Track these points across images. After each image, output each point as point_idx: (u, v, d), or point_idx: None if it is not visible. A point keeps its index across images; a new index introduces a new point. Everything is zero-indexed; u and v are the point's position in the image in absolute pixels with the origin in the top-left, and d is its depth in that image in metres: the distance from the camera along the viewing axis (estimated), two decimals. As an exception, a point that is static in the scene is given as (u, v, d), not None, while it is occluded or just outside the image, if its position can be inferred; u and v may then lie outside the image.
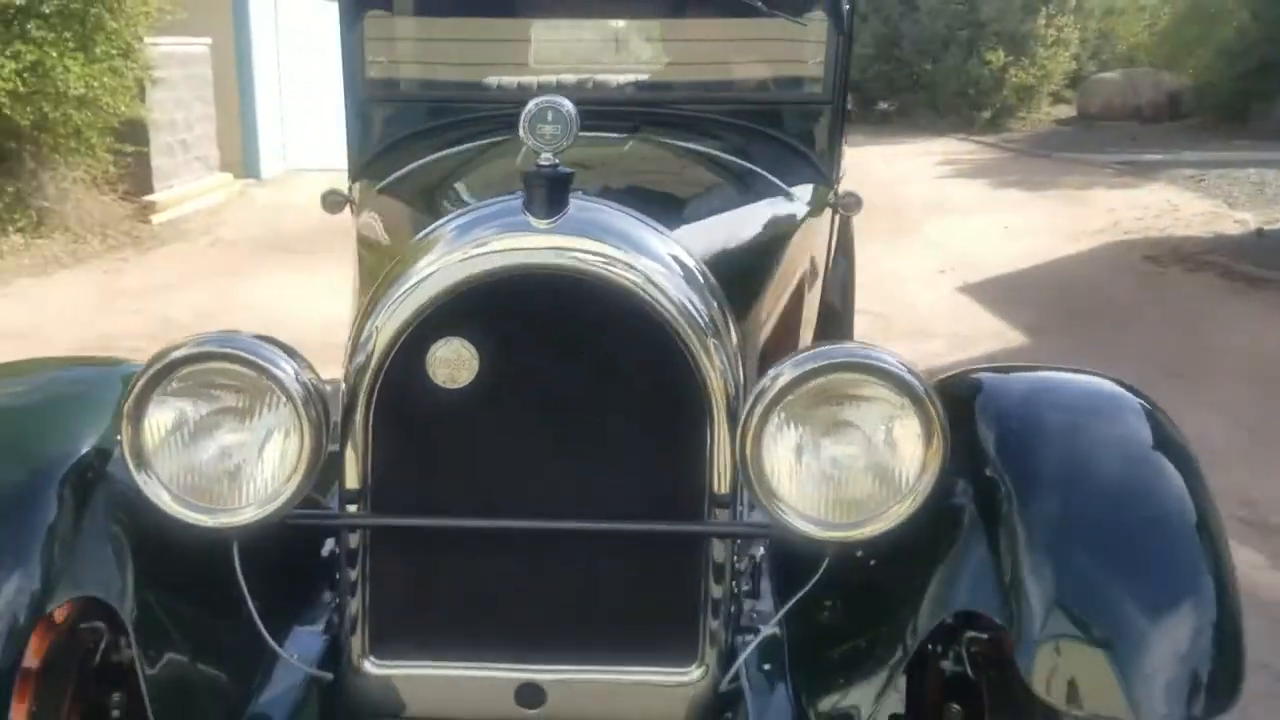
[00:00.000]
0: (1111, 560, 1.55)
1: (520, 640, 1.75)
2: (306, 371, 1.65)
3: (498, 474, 1.73)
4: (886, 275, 7.94)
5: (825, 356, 1.59)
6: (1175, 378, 5.54)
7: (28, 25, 8.23)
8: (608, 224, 1.72)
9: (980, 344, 6.24)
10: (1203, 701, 1.47)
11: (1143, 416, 1.80)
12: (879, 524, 1.59)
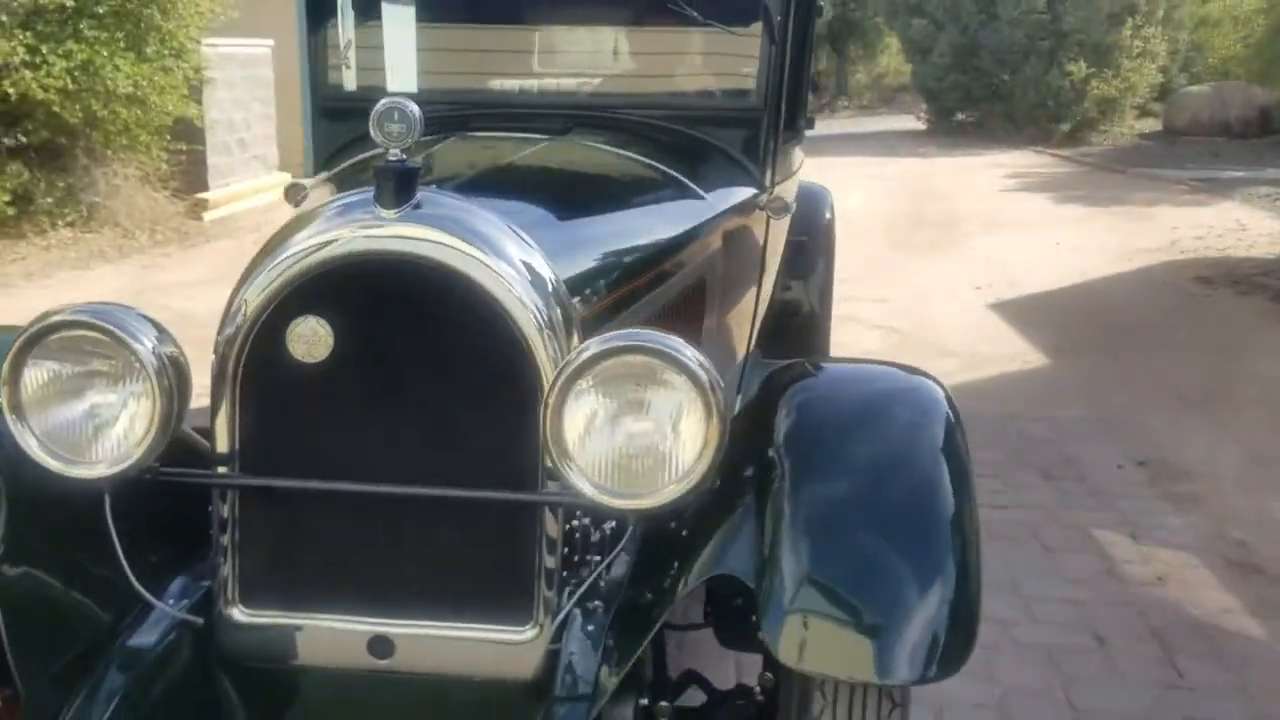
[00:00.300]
0: (864, 540, 1.71)
1: (372, 596, 1.88)
2: (168, 346, 1.80)
3: (350, 442, 1.88)
4: (919, 290, 7.76)
5: (629, 338, 1.72)
6: (1194, 406, 5.30)
7: (80, 25, 8.47)
8: (452, 216, 1.84)
9: (996, 365, 6.03)
10: (937, 665, 1.62)
11: (932, 416, 1.92)
12: (655, 499, 1.73)
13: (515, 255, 1.84)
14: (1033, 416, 5.14)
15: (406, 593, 1.88)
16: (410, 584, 1.89)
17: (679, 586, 1.77)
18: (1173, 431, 4.96)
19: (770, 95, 3.21)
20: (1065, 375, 5.84)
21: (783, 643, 1.64)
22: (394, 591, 1.88)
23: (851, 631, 1.65)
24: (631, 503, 1.74)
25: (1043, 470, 4.49)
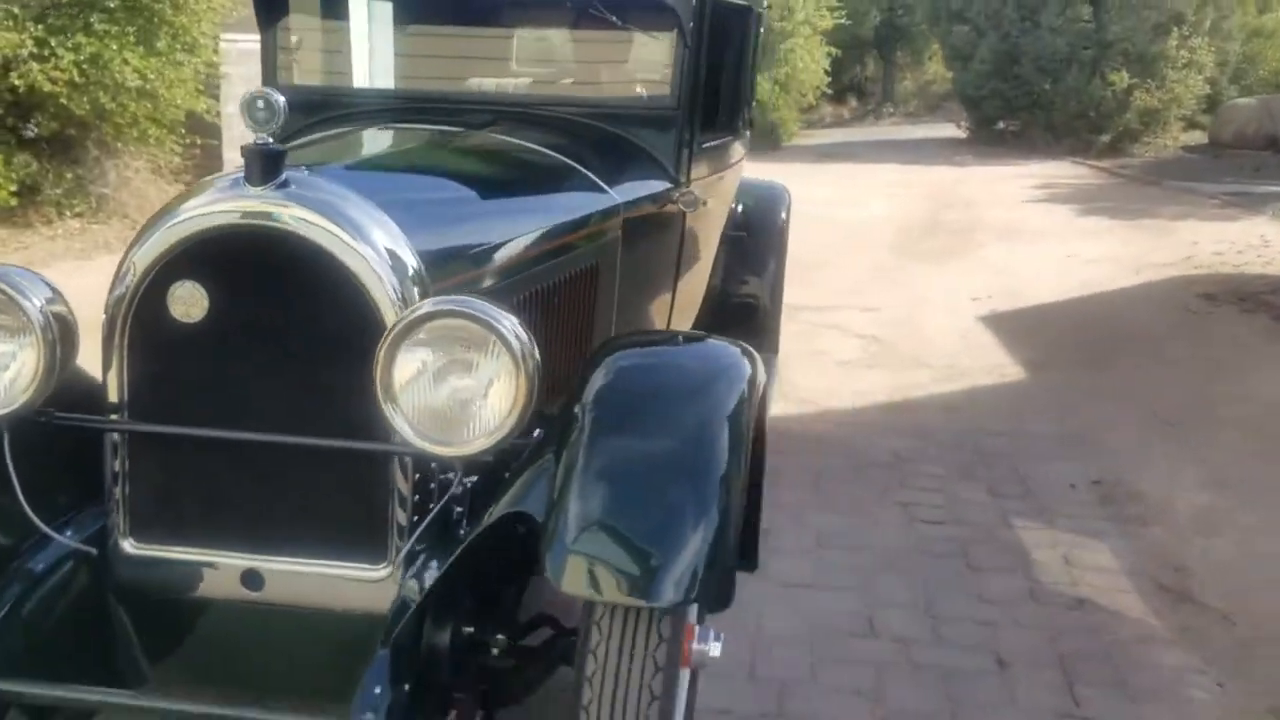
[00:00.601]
0: (637, 485, 1.90)
1: (245, 533, 2.12)
2: (57, 305, 2.06)
3: (222, 394, 2.10)
4: (915, 300, 7.64)
5: (457, 303, 1.94)
6: (1169, 426, 5.15)
7: (91, 19, 8.58)
8: (314, 193, 2.05)
9: (972, 377, 5.90)
10: (697, 594, 1.81)
11: (724, 384, 2.09)
12: (466, 449, 1.95)
13: (371, 229, 2.05)
14: (995, 431, 5.01)
15: (275, 531, 2.11)
16: (278, 523, 2.12)
17: (485, 518, 1.96)
18: (1138, 451, 4.81)
19: (685, 96, 3.47)
20: (1041, 390, 5.70)
21: (555, 569, 1.82)
22: (263, 530, 2.12)
23: (616, 561, 1.81)
24: (446, 450, 1.95)
25: (990, 486, 4.37)
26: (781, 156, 20.45)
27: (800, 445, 4.75)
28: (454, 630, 2.03)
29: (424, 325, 1.91)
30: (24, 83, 8.05)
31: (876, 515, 4.07)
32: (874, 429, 5.01)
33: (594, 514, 1.85)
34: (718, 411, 2.03)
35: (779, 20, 26.82)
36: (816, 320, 7.06)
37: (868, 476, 4.44)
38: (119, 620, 2.17)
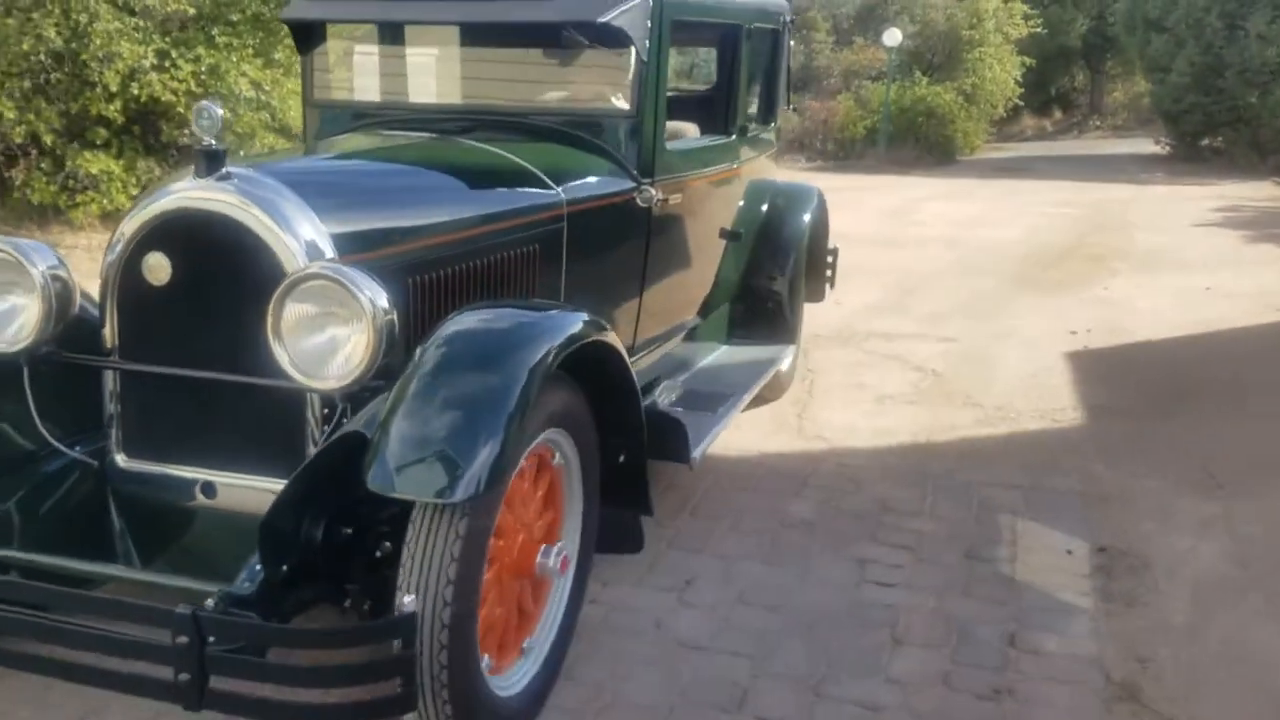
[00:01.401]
0: (442, 411, 2.34)
1: (203, 454, 2.79)
2: (60, 270, 2.74)
3: (184, 342, 2.75)
4: (1002, 332, 7.11)
5: (330, 269, 2.50)
6: (1219, 488, 4.55)
7: (214, 31, 9.02)
8: (245, 184, 2.63)
9: (1018, 422, 5.39)
10: (469, 490, 2.26)
11: (528, 348, 2.51)
12: (325, 384, 2.53)
13: (287, 211, 2.63)
14: (1012, 483, 4.55)
15: (222, 452, 2.76)
16: (224, 446, 2.76)
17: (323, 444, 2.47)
18: (1167, 515, 4.26)
19: (643, 105, 3.87)
20: (1090, 438, 5.14)
21: (370, 473, 2.28)
22: (214, 451, 2.77)
23: (418, 466, 2.28)
24: (315, 384, 2.53)
25: (970, 549, 3.94)
26: (948, 171, 19.64)
27: (780, 486, 4.44)
28: (328, 528, 2.46)
29: (302, 284, 2.48)
30: (144, 93, 8.51)
31: (823, 572, 3.73)
32: (873, 473, 4.63)
33: (403, 430, 2.31)
34: (517, 360, 2.45)
35: (967, 28, 25.87)
36: (881, 349, 6.65)
37: (835, 527, 4.09)
38: (112, 517, 2.82)
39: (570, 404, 2.76)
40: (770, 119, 5.45)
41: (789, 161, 20.66)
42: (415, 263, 2.94)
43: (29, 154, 8.49)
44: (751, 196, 5.15)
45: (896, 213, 13.52)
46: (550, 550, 2.73)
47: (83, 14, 8.21)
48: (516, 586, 2.73)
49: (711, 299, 4.97)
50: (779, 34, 5.27)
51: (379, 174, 3.34)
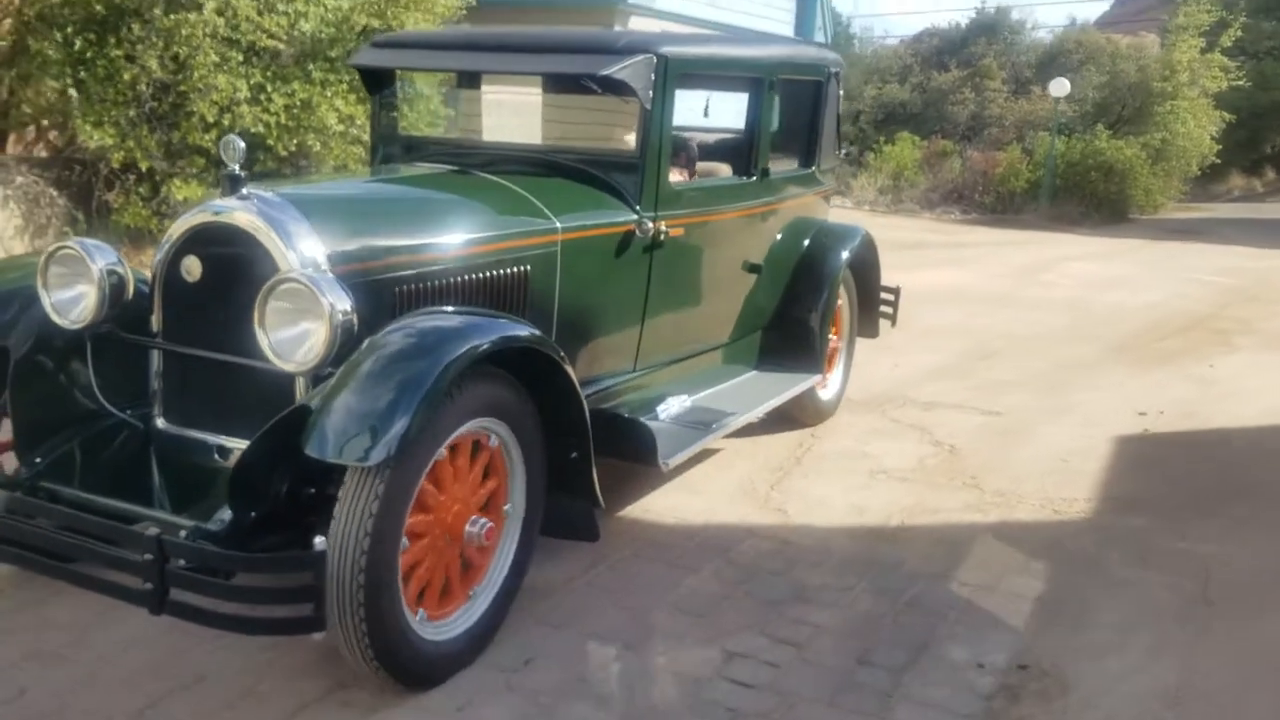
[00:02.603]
0: (368, 389, 2.82)
1: (220, 421, 3.36)
2: (117, 265, 3.36)
3: (211, 327, 3.31)
4: (1060, 408, 6.53)
5: (300, 276, 3.02)
6: (1206, 605, 3.98)
7: (309, 67, 9.30)
8: (259, 204, 3.20)
9: (1015, 509, 4.84)
10: (380, 455, 2.73)
11: (467, 339, 3.02)
12: (292, 367, 3.08)
13: (289, 227, 3.18)
14: (962, 581, 4.07)
15: (233, 420, 3.30)
16: (234, 415, 3.30)
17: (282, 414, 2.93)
18: (1120, 634, 3.71)
19: (647, 146, 4.27)
20: (1082, 536, 4.56)
21: (305, 438, 2.77)
22: (227, 419, 3.33)
23: (344, 434, 2.74)
24: (285, 365, 3.07)
25: (865, 652, 3.51)
26: (1115, 230, 18.48)
27: (700, 559, 4.11)
28: (293, 483, 3.02)
29: (280, 286, 3.03)
30: (238, 125, 8.84)
31: (683, 663, 3.40)
32: (812, 554, 4.23)
33: (335, 406, 2.78)
34: (438, 354, 2.90)
35: (1159, 80, 24.39)
36: (908, 418, 6.16)
37: (729, 612, 3.74)
38: (151, 468, 3.40)
39: (505, 398, 3.24)
40: (812, 163, 5.71)
41: (941, 214, 19.92)
42: (404, 276, 3.46)
43: (127, 179, 8.94)
44: (790, 233, 5.50)
45: (1028, 270, 12.74)
46: (478, 520, 3.21)
47: (184, 47, 8.61)
48: (451, 552, 3.20)
49: (740, 326, 5.30)
50: (822, 85, 5.61)
51: (385, 198, 4.04)
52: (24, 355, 3.39)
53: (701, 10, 16.76)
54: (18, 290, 3.49)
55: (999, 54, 26.91)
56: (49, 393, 3.43)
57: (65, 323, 3.37)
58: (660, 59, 4.22)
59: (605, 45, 4.36)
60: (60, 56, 8.64)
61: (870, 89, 27.27)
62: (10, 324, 3.43)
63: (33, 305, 3.42)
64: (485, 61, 4.85)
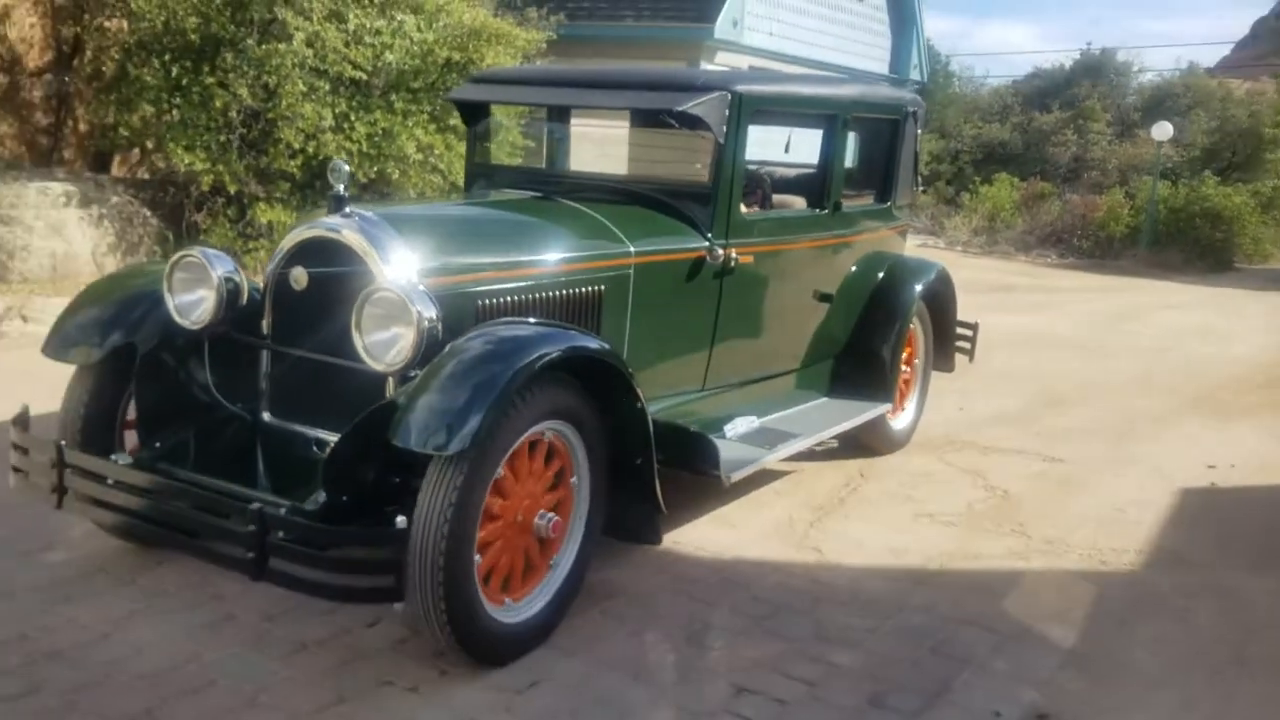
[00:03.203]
0: (449, 388, 3.11)
1: (317, 417, 3.66)
2: (234, 272, 3.73)
3: (316, 330, 3.63)
4: (1125, 459, 6.34)
5: (393, 286, 3.35)
6: (1237, 665, 3.81)
7: (392, 97, 9.55)
8: (360, 222, 3.54)
9: (1059, 558, 4.68)
10: (458, 447, 3.02)
11: (522, 353, 3.25)
12: (383, 367, 3.38)
13: (386, 242, 3.51)
14: (992, 628, 3.94)
15: (330, 416, 3.56)
16: (330, 411, 3.56)
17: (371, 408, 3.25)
18: (1145, 690, 3.55)
19: (720, 178, 4.53)
20: (1126, 588, 4.39)
21: (392, 429, 3.07)
22: (325, 414, 3.61)
23: (425, 426, 3.03)
24: (377, 365, 3.37)
25: (879, 694, 3.42)
26: (1217, 279, 17.88)
27: (723, 594, 4.06)
28: (379, 472, 3.33)
29: (375, 295, 3.34)
30: (321, 152, 9.11)
31: (688, 697, 3.35)
32: (840, 594, 4.15)
33: (419, 403, 3.08)
34: (510, 360, 3.18)
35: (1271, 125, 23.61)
36: (963, 462, 6.03)
37: (742, 645, 3.68)
38: (257, 456, 3.74)
39: (574, 404, 3.49)
40: (888, 198, 5.92)
41: (1036, 257, 19.51)
42: (486, 290, 3.76)
43: (215, 201, 9.26)
44: (864, 265, 5.70)
45: (1117, 317, 12.39)
46: (546, 515, 3.49)
47: (274, 76, 8.92)
48: (522, 541, 3.47)
49: (812, 352, 5.50)
50: (899, 124, 5.80)
51: (471, 220, 4.39)
52: (149, 351, 3.72)
53: (793, 47, 16.80)
54: (144, 293, 3.80)
55: (1103, 96, 26.35)
56: (169, 385, 3.76)
57: (186, 323, 3.71)
58: (734, 96, 4.49)
59: (684, 82, 4.66)
60: (157, 83, 9.03)
61: (969, 128, 26.91)
62: (137, 323, 3.74)
63: (157, 307, 3.74)
64: (572, 97, 5.20)
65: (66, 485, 3.41)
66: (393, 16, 9.69)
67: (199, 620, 3.58)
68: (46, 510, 4.27)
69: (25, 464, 3.59)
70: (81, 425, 3.77)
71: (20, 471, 3.60)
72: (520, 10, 12.83)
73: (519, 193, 4.89)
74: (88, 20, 9.95)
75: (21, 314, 7.67)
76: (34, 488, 3.56)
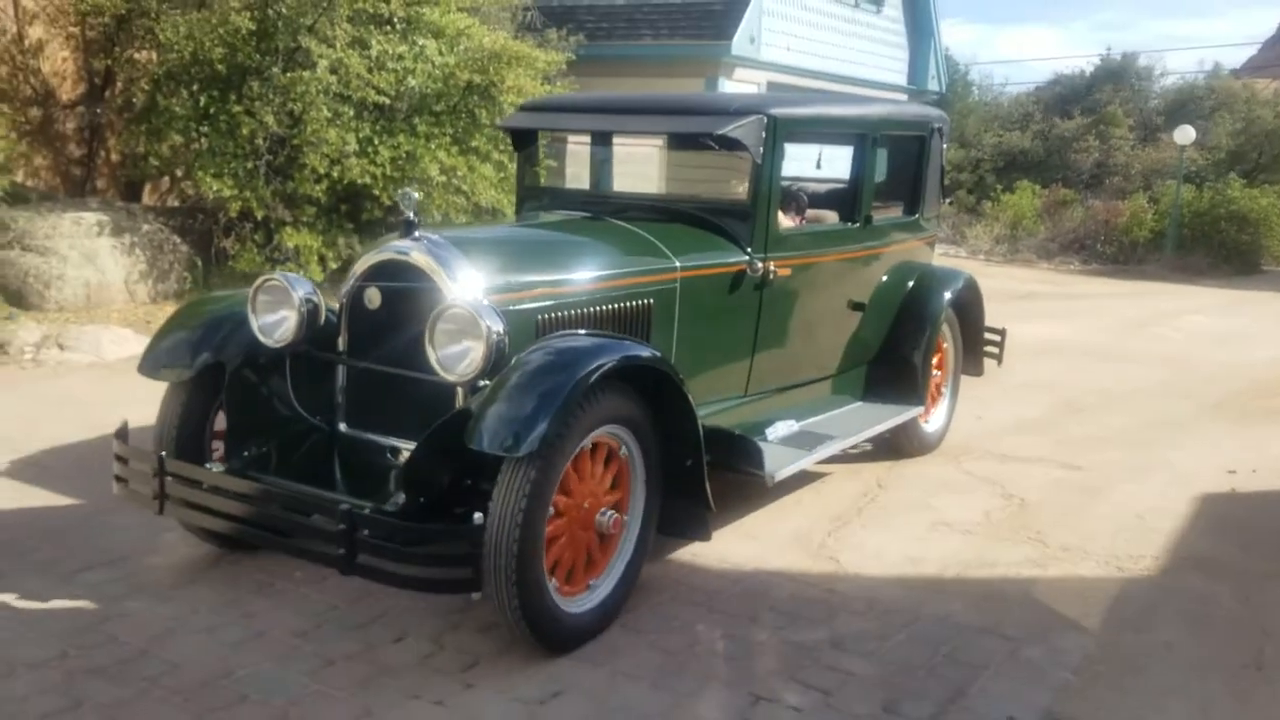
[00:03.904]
0: (520, 394, 3.39)
1: (392, 426, 3.96)
2: (313, 295, 3.99)
3: (387, 345, 3.92)
4: (1144, 465, 6.39)
5: (463, 303, 3.62)
6: (1255, 670, 3.83)
7: (415, 121, 9.71)
8: (429, 244, 3.85)
9: (1076, 565, 4.73)
10: (528, 448, 3.28)
11: (595, 358, 3.54)
12: (456, 377, 3.65)
13: (453, 263, 3.81)
14: (1005, 635, 4.00)
15: (404, 425, 3.87)
16: (405, 421, 3.86)
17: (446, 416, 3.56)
18: (1160, 697, 3.60)
19: (758, 196, 4.81)
20: (1143, 594, 4.43)
21: (467, 434, 3.33)
22: (398, 424, 3.92)
23: (498, 430, 3.30)
24: (449, 377, 3.64)
25: (893, 701, 3.49)
26: (1245, 282, 17.81)
27: (739, 606, 4.14)
28: (453, 475, 3.62)
29: (447, 311, 3.61)
30: (346, 176, 9.28)
31: (704, 705, 3.43)
32: (856, 604, 4.22)
33: (491, 410, 3.34)
34: (572, 370, 3.44)
35: (1299, 128, 23.43)
36: (981, 470, 6.08)
37: (759, 655, 3.76)
38: (334, 463, 4.02)
39: (630, 410, 3.74)
40: (916, 211, 6.16)
41: (1059, 264, 19.47)
42: (545, 305, 4.04)
43: (243, 227, 9.44)
44: (894, 275, 5.93)
45: (1141, 323, 12.38)
46: (606, 512, 3.75)
47: (299, 103, 9.10)
48: (584, 537, 3.72)
49: (847, 359, 5.73)
50: (925, 139, 6.06)
51: (529, 241, 4.70)
52: (236, 368, 4.02)
53: (811, 61, 16.89)
54: (228, 315, 4.12)
55: (1125, 101, 26.27)
56: (255, 399, 4.05)
57: (269, 342, 4.00)
58: (770, 119, 4.77)
59: (722, 107, 4.94)
60: (186, 112, 9.22)
61: (990, 136, 26.89)
62: (224, 343, 4.05)
63: (241, 328, 4.04)
64: (616, 123, 5.49)
65: (167, 492, 3.71)
66: (414, 41, 9.89)
67: (231, 637, 3.69)
68: (85, 533, 4.42)
69: (127, 473, 3.89)
70: (175, 437, 4.07)
71: (122, 480, 3.90)
72: (540, 32, 13.00)
73: (570, 213, 5.16)
74: (118, 52, 10.18)
75: (58, 342, 7.85)
76: (135, 495, 3.86)
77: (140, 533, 4.52)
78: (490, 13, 11.53)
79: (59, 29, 10.64)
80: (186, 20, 9.34)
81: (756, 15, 15.21)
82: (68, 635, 3.66)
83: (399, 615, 3.91)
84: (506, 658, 3.63)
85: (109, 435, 4.04)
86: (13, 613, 3.81)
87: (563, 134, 6.10)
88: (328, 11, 9.24)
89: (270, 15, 9.21)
